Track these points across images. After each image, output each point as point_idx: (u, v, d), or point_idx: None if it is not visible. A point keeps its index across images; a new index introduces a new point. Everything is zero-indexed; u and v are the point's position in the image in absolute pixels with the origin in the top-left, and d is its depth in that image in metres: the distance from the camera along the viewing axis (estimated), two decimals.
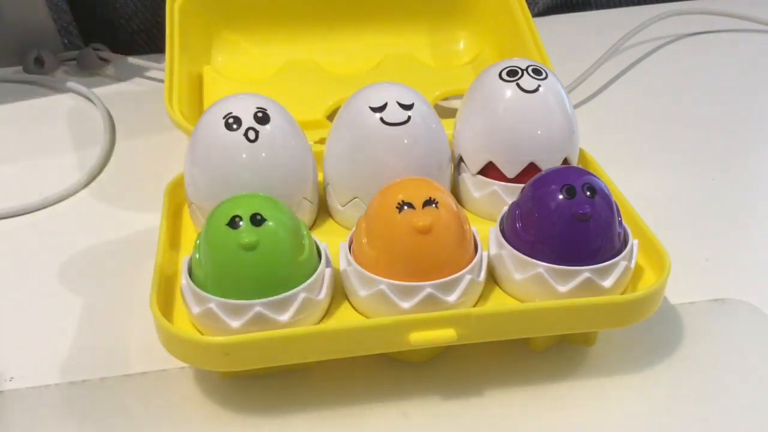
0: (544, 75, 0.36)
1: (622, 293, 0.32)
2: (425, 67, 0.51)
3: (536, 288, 0.31)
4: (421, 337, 0.29)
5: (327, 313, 0.31)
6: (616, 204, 0.32)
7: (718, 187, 0.45)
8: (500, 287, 0.33)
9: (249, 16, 0.52)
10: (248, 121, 0.33)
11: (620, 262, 0.31)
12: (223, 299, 0.29)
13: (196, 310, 0.30)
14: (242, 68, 0.51)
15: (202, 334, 0.30)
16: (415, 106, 0.35)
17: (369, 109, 0.34)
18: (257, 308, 0.29)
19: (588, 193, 0.31)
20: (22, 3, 0.58)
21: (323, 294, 0.31)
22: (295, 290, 0.29)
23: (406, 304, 0.30)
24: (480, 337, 0.30)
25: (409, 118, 0.34)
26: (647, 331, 0.34)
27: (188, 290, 0.30)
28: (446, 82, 0.49)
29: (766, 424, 0.31)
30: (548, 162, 0.36)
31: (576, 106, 0.54)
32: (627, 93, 0.56)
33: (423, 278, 0.30)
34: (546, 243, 0.31)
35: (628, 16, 0.64)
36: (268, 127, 0.34)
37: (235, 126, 0.33)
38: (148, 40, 0.63)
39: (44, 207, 0.44)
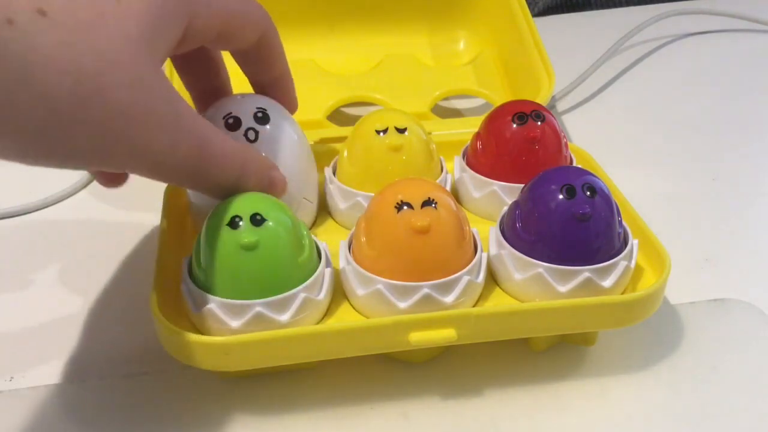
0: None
1: (622, 293, 0.32)
2: (425, 67, 0.51)
3: (536, 288, 0.31)
4: (421, 337, 0.29)
5: (327, 313, 0.31)
6: (616, 204, 0.32)
7: (718, 187, 0.45)
8: (500, 287, 0.33)
9: None
10: (248, 121, 0.33)
11: (620, 262, 0.31)
12: (223, 299, 0.29)
13: (196, 310, 0.29)
14: None
15: (202, 334, 0.30)
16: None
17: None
18: (257, 308, 0.29)
19: (588, 193, 0.31)
20: None
21: (323, 294, 0.30)
22: (295, 290, 0.29)
23: (402, 304, 0.30)
24: (480, 337, 0.30)
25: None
26: (647, 331, 0.34)
27: (188, 290, 0.30)
28: (446, 82, 0.49)
29: (766, 424, 0.31)
30: None
31: (576, 106, 0.54)
32: (627, 93, 0.56)
33: (421, 278, 0.30)
34: (546, 243, 0.31)
35: (628, 16, 0.63)
36: (268, 127, 0.34)
37: (235, 126, 0.33)
38: None
39: (44, 207, 0.44)
